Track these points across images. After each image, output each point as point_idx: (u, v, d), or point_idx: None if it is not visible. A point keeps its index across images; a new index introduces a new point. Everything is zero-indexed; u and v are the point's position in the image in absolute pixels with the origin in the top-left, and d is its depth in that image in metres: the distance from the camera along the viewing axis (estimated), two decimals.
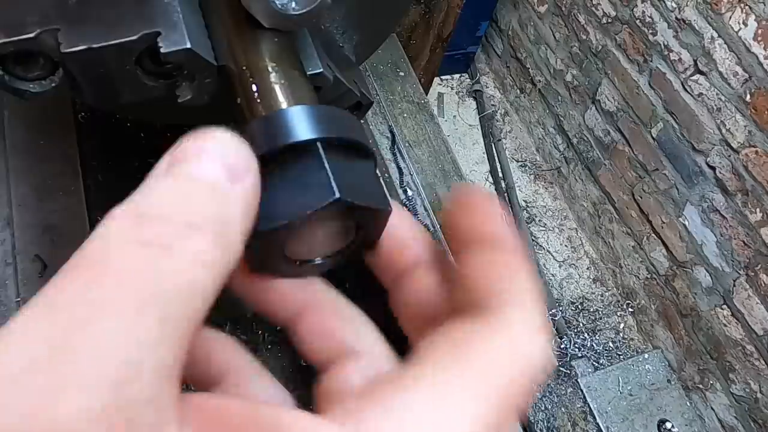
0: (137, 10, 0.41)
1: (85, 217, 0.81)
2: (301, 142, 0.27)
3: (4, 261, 0.76)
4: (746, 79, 1.78)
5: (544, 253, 2.55)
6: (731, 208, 1.91)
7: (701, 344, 2.13)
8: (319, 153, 0.27)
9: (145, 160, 0.93)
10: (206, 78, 0.41)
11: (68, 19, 0.39)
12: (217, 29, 0.42)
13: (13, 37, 0.38)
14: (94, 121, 0.91)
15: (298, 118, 0.28)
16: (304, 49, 0.46)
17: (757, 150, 1.79)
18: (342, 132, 0.28)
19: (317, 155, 0.27)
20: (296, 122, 0.28)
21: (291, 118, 0.28)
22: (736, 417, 2.04)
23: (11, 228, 0.78)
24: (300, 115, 0.28)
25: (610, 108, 2.33)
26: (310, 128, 0.28)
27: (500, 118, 2.90)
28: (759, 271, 1.87)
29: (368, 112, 0.62)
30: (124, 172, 0.91)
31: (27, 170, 0.82)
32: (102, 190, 0.87)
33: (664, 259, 2.23)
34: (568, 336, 2.29)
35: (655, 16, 2.03)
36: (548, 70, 2.63)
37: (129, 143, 0.93)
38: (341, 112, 0.30)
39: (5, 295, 0.75)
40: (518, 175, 2.74)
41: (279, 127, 0.28)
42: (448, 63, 2.71)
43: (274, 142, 0.27)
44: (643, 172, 2.23)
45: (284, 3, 0.38)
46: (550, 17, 2.55)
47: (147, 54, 0.41)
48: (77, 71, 0.40)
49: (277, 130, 0.28)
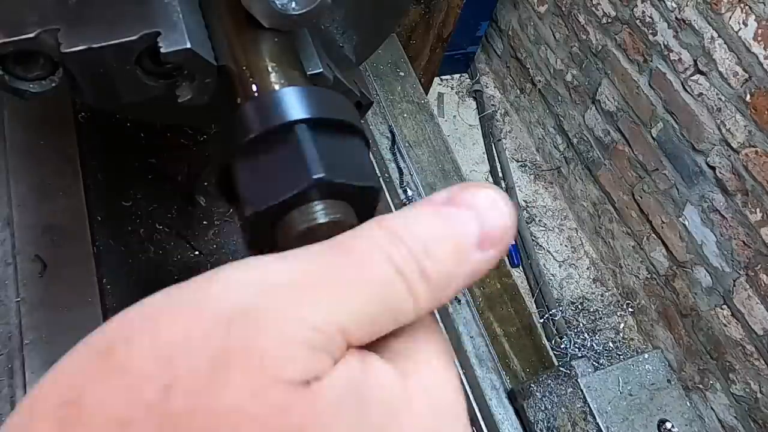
0: (137, 10, 0.41)
1: (85, 217, 0.81)
2: (286, 123, 0.27)
3: (4, 261, 0.76)
4: (746, 79, 1.78)
5: (544, 253, 2.55)
6: (731, 208, 1.91)
7: (701, 344, 2.13)
8: (303, 134, 0.27)
9: (145, 160, 0.93)
10: (206, 78, 0.41)
11: (68, 19, 0.39)
12: (217, 29, 0.42)
13: (13, 37, 0.38)
14: (94, 121, 0.91)
15: (284, 100, 0.28)
16: (304, 49, 0.46)
17: (757, 150, 1.79)
18: (328, 112, 0.28)
19: (302, 136, 0.27)
20: (282, 104, 0.28)
21: (277, 100, 0.28)
22: (736, 417, 2.04)
23: (11, 228, 0.78)
24: (287, 97, 0.28)
25: (610, 108, 2.33)
26: (295, 109, 0.28)
27: (500, 118, 2.90)
28: (759, 271, 1.87)
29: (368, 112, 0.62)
30: (124, 172, 0.91)
31: (27, 170, 0.82)
32: (102, 190, 0.87)
33: (664, 259, 2.23)
34: (568, 336, 2.29)
35: (655, 16, 2.03)
36: (548, 70, 2.63)
37: (129, 143, 0.93)
38: (330, 92, 0.30)
39: (5, 295, 0.75)
40: (518, 175, 2.74)
41: (266, 109, 0.28)
42: (448, 63, 2.71)
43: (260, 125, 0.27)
44: (643, 172, 2.23)
45: (284, 3, 0.38)
46: (550, 17, 2.55)
47: (147, 54, 0.41)
48: (77, 71, 0.40)
49: (264, 113, 0.28)
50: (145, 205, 0.90)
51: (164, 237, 0.89)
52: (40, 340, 0.72)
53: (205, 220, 0.92)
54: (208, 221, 0.92)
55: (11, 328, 0.73)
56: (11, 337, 0.73)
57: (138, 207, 0.90)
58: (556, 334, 2.28)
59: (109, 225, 0.86)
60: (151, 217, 0.90)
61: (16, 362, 0.71)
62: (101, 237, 0.84)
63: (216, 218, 0.93)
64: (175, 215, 0.91)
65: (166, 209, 0.91)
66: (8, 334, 0.73)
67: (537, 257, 2.50)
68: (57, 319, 0.74)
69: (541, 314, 2.35)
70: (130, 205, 0.90)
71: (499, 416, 0.91)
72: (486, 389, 0.93)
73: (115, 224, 0.87)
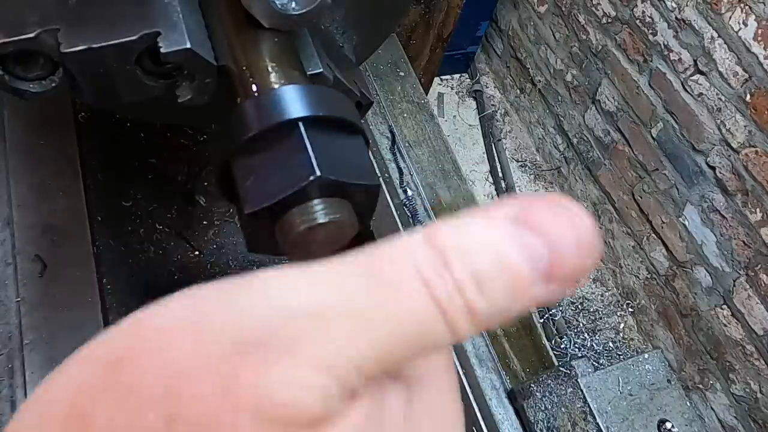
0: (137, 10, 0.41)
1: (85, 217, 0.81)
2: (285, 121, 0.27)
3: (4, 261, 0.76)
4: (746, 79, 1.78)
5: None
6: (731, 208, 1.91)
7: (701, 344, 2.13)
8: (301, 132, 0.27)
9: (145, 160, 0.93)
10: (206, 78, 0.41)
11: (68, 18, 0.39)
12: (217, 29, 0.42)
13: (13, 37, 0.38)
14: (94, 121, 0.91)
15: (283, 98, 0.28)
16: (304, 49, 0.46)
17: (757, 150, 1.79)
18: (328, 110, 0.28)
19: (299, 134, 0.27)
20: (281, 102, 0.28)
21: (277, 98, 0.28)
22: (736, 417, 2.04)
23: (11, 228, 0.78)
24: (286, 95, 0.28)
25: (610, 108, 2.33)
26: (294, 107, 0.28)
27: (500, 118, 2.90)
28: (759, 271, 1.87)
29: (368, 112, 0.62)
30: (124, 172, 0.91)
31: (27, 170, 0.82)
32: (102, 190, 0.87)
33: (664, 259, 2.23)
34: (568, 336, 2.29)
35: (655, 16, 2.03)
36: (548, 70, 2.63)
37: (129, 143, 0.93)
38: (329, 90, 0.30)
39: (5, 295, 0.75)
40: (518, 175, 2.74)
41: (265, 107, 0.28)
42: (448, 63, 2.71)
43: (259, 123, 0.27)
44: (643, 172, 2.23)
45: (284, 3, 0.38)
46: (550, 17, 2.55)
47: (147, 54, 0.41)
48: (77, 71, 0.40)
49: (263, 111, 0.28)
50: (145, 205, 0.90)
51: (164, 237, 0.89)
52: (40, 340, 0.72)
53: (205, 220, 0.92)
54: (208, 221, 0.92)
55: (11, 328, 0.73)
56: (11, 337, 0.73)
57: (138, 207, 0.90)
58: (556, 334, 2.28)
59: (109, 225, 0.86)
60: (151, 217, 0.90)
61: (16, 362, 0.72)
62: (101, 237, 0.84)
63: (216, 218, 0.93)
64: (175, 215, 0.91)
65: (166, 209, 0.91)
66: (8, 334, 0.73)
67: None
68: (57, 319, 0.74)
69: (541, 314, 2.35)
70: (130, 205, 0.90)
71: (499, 416, 0.91)
72: (486, 389, 0.93)
73: (115, 224, 0.87)
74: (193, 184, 0.94)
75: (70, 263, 0.77)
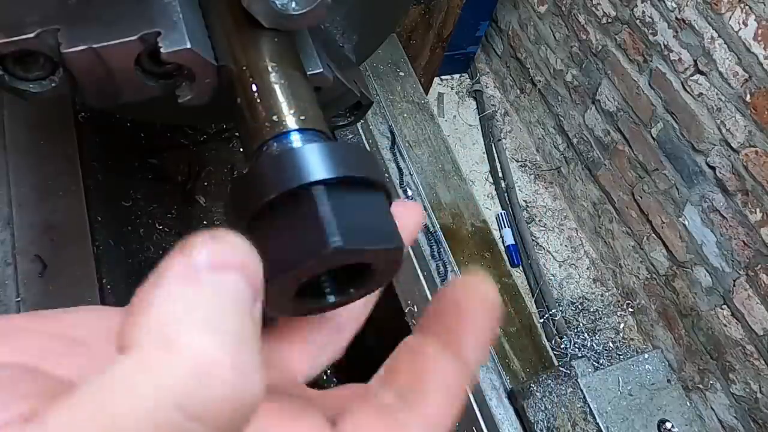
0: (137, 10, 0.41)
1: (85, 217, 0.81)
2: (301, 186, 0.26)
3: (4, 261, 0.76)
4: (746, 79, 1.78)
5: (544, 253, 2.55)
6: (731, 208, 1.91)
7: (701, 344, 2.13)
8: (320, 197, 0.26)
9: (145, 160, 0.93)
10: (206, 78, 0.41)
11: (68, 19, 0.39)
12: (217, 29, 0.42)
13: (13, 37, 0.38)
14: (94, 121, 0.91)
15: (299, 161, 0.27)
16: (304, 49, 0.46)
17: (757, 150, 1.79)
18: (347, 170, 0.27)
19: (318, 200, 0.26)
20: (296, 165, 0.27)
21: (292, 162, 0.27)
22: (736, 417, 2.04)
23: (11, 228, 0.78)
24: (302, 157, 0.27)
25: (610, 108, 2.33)
26: (310, 171, 0.26)
27: (500, 118, 2.90)
28: (759, 271, 1.87)
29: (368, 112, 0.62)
30: (124, 172, 0.91)
31: (27, 170, 0.82)
32: (102, 190, 0.87)
33: (664, 259, 2.23)
34: (568, 336, 2.30)
35: (655, 16, 2.03)
36: (548, 70, 2.63)
37: (129, 143, 0.93)
38: (351, 146, 0.29)
39: (5, 295, 0.75)
40: (518, 175, 2.74)
41: (280, 171, 0.27)
42: (448, 63, 2.71)
43: (275, 189, 0.26)
44: (643, 172, 2.24)
45: (284, 3, 0.38)
46: (550, 17, 2.55)
47: (147, 54, 0.41)
48: (77, 71, 0.40)
49: (278, 175, 0.27)
50: (145, 205, 0.90)
51: (164, 237, 0.89)
52: None
53: (205, 220, 0.92)
54: (208, 221, 0.92)
55: None
56: None
57: (138, 207, 0.90)
58: (556, 334, 2.28)
59: (109, 225, 0.86)
60: (151, 217, 0.90)
61: None
62: (101, 237, 0.84)
63: (216, 218, 0.93)
64: (175, 215, 0.91)
65: (166, 209, 0.91)
66: None
67: (537, 257, 2.51)
68: None
69: (541, 314, 2.35)
70: (130, 205, 0.90)
71: (499, 416, 0.91)
72: (486, 389, 0.93)
73: (115, 224, 0.87)
74: (192, 184, 0.94)
75: (70, 263, 0.77)
